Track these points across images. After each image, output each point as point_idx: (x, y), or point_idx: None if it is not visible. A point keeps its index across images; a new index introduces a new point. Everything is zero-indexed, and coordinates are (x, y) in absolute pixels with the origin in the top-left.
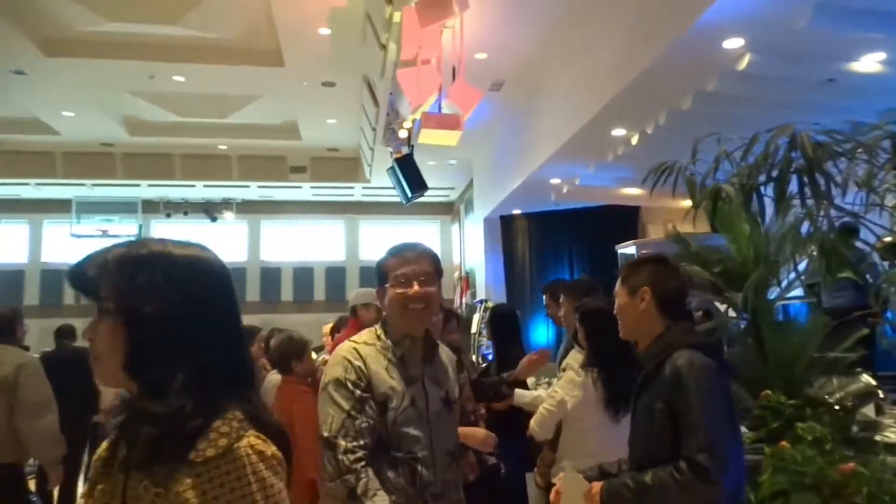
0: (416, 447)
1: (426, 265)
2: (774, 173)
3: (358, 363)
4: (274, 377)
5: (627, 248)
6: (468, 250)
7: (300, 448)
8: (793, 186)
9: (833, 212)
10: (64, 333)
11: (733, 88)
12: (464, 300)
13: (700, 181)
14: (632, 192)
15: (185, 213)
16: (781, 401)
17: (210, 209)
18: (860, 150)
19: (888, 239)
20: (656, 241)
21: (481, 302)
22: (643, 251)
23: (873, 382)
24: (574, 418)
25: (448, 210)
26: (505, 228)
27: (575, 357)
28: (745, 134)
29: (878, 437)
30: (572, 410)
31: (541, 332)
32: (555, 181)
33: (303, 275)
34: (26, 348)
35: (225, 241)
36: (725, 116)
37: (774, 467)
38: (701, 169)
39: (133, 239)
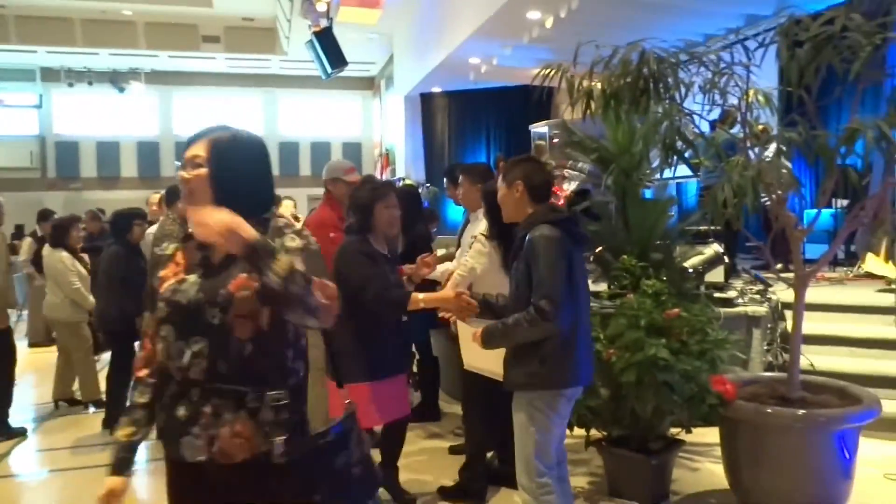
0: None
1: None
2: (629, 80)
3: None
4: None
5: (540, 128)
6: (388, 127)
7: None
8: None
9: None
10: None
11: None
12: (384, 176)
13: (578, 82)
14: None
15: (90, 83)
16: (633, 263)
17: (116, 79)
18: (695, 61)
19: (760, 127)
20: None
21: (400, 179)
22: (554, 131)
23: (721, 250)
24: (482, 279)
25: (369, 85)
26: (425, 106)
27: (481, 229)
28: (649, 22)
29: (718, 294)
30: (481, 274)
31: (455, 210)
32: (473, 60)
33: None
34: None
35: (134, 114)
36: (637, 3)
37: (620, 314)
38: (583, 69)
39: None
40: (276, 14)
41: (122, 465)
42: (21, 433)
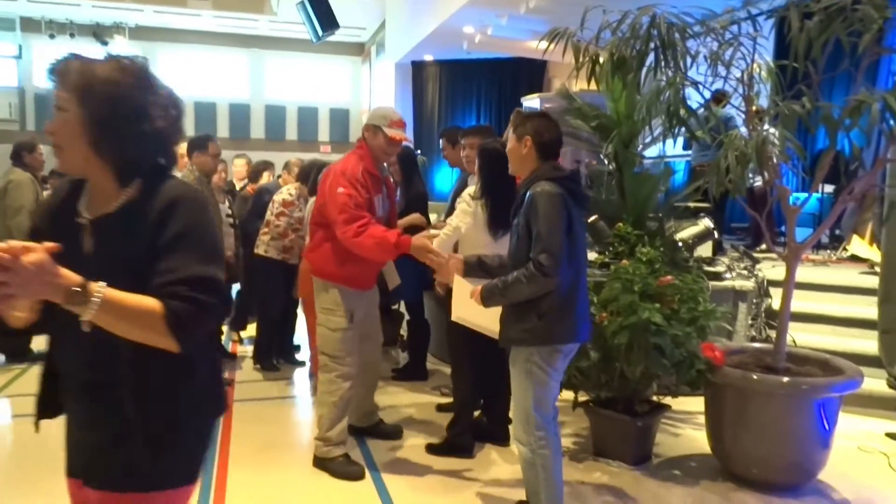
0: None
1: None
2: (638, 45)
3: None
4: None
5: (532, 101)
6: (377, 94)
7: None
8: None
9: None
10: None
11: None
12: None
13: (584, 47)
14: (541, 46)
15: (72, 35)
16: (628, 231)
17: (100, 33)
18: (705, 31)
19: (755, 108)
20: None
21: None
22: (546, 104)
23: (711, 226)
24: (466, 238)
25: (359, 51)
26: (416, 74)
27: (468, 190)
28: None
29: (707, 268)
30: (465, 233)
31: (444, 176)
32: (468, 29)
33: (204, 110)
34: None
35: None
36: None
37: (615, 278)
38: (589, 35)
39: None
40: None
41: None
42: None
